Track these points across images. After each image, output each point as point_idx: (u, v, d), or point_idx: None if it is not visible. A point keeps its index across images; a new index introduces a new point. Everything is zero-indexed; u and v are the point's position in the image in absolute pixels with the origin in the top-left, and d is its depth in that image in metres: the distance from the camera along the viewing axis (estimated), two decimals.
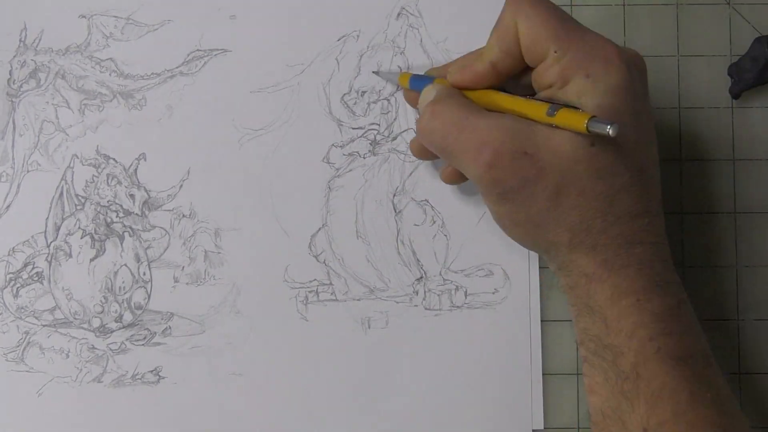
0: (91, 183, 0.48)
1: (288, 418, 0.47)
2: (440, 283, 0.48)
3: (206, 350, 0.47)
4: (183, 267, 0.48)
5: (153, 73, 0.49)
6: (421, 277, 0.48)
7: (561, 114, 0.36)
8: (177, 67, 0.49)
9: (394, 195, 0.48)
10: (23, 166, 0.48)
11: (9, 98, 0.48)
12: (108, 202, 0.48)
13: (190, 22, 0.49)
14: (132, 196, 0.48)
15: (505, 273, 0.48)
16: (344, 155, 0.48)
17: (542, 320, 0.47)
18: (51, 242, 0.48)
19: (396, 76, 0.47)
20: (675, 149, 0.48)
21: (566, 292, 0.40)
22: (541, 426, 0.47)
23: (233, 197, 0.48)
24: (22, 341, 0.47)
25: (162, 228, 0.48)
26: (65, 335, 0.47)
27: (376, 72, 0.48)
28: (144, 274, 0.48)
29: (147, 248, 0.48)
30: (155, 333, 0.47)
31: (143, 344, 0.47)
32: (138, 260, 0.48)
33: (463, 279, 0.48)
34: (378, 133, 0.48)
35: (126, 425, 0.47)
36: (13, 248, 0.48)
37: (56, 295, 0.48)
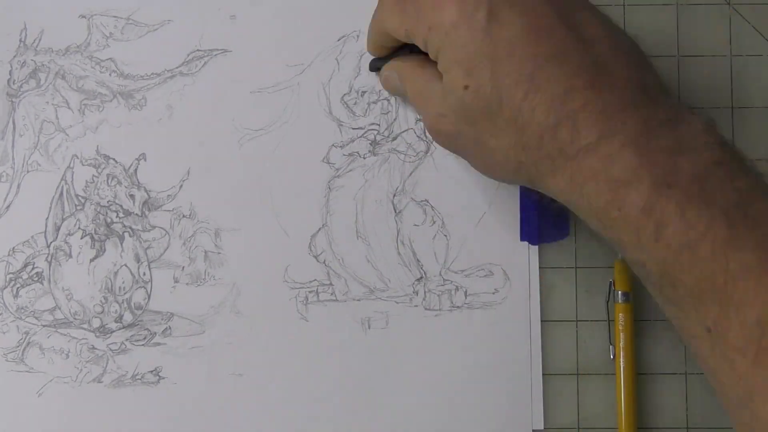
0: (91, 183, 0.48)
1: (288, 418, 0.47)
2: (440, 284, 0.48)
3: (206, 350, 0.47)
4: (183, 267, 0.48)
5: (153, 73, 0.49)
6: (421, 278, 0.48)
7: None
8: (177, 67, 0.49)
9: (394, 195, 0.48)
10: (23, 166, 0.48)
11: (9, 98, 0.48)
12: (108, 203, 0.48)
13: (190, 22, 0.49)
14: (132, 197, 0.48)
15: (505, 273, 0.48)
16: (344, 155, 0.48)
17: (542, 320, 0.47)
18: (51, 242, 0.48)
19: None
20: None
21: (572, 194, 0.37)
22: (541, 426, 0.47)
23: (233, 197, 0.48)
24: (22, 341, 0.47)
25: (162, 228, 0.48)
26: (65, 335, 0.47)
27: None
28: (144, 275, 0.48)
29: (147, 248, 0.48)
30: (155, 333, 0.47)
31: (143, 344, 0.47)
32: (138, 260, 0.48)
33: (463, 279, 0.48)
34: (378, 134, 0.48)
35: (126, 425, 0.47)
36: (13, 248, 0.48)
37: (56, 296, 0.48)
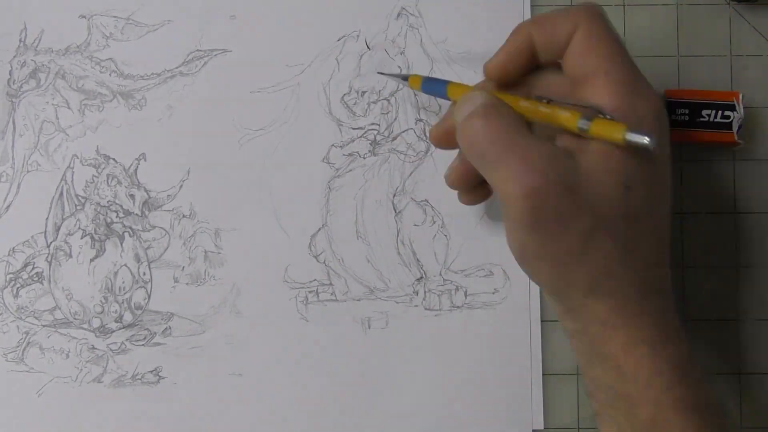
0: (91, 183, 0.48)
1: (288, 418, 0.47)
2: (440, 284, 0.48)
3: (206, 350, 0.47)
4: (183, 267, 0.48)
5: (153, 73, 0.49)
6: (421, 278, 0.48)
7: (597, 122, 0.36)
8: (177, 67, 0.49)
9: (394, 195, 0.48)
10: (23, 166, 0.48)
11: (9, 98, 0.48)
12: (108, 203, 0.48)
13: (190, 22, 0.49)
14: (132, 197, 0.48)
15: (505, 273, 0.48)
16: (344, 155, 0.48)
17: (542, 320, 0.47)
18: (51, 242, 0.48)
19: (399, 77, 0.47)
20: (675, 149, 0.48)
21: (572, 337, 0.39)
22: (541, 426, 0.47)
23: (233, 197, 0.48)
24: (22, 341, 0.47)
25: (162, 228, 0.48)
26: (65, 335, 0.47)
27: (382, 72, 0.48)
28: (144, 275, 0.48)
29: (147, 248, 0.48)
30: (155, 333, 0.47)
31: (143, 344, 0.47)
32: (138, 260, 0.48)
33: (463, 279, 0.48)
34: (378, 133, 0.48)
35: (126, 425, 0.47)
36: (13, 248, 0.48)
37: (56, 296, 0.48)
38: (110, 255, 0.48)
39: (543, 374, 0.47)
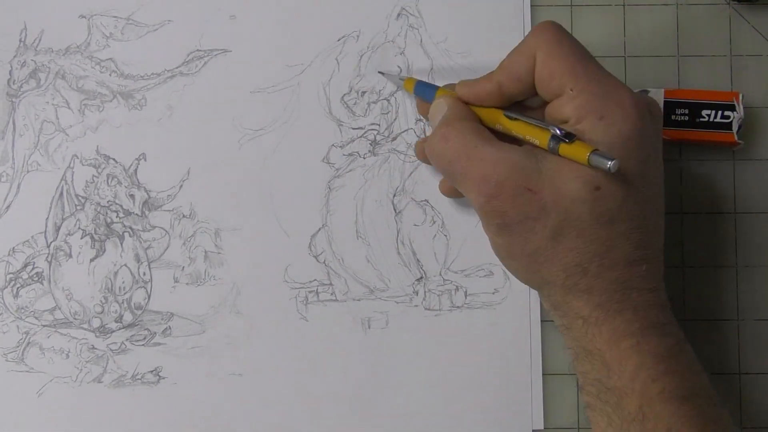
0: (91, 183, 0.48)
1: (288, 418, 0.47)
2: (440, 284, 0.48)
3: (206, 350, 0.47)
4: (183, 267, 0.48)
5: (153, 73, 0.49)
6: (421, 278, 0.48)
7: (565, 144, 0.37)
8: (177, 67, 0.49)
9: (394, 195, 0.48)
10: (23, 166, 0.48)
11: (9, 98, 0.48)
12: (108, 203, 0.48)
13: (190, 22, 0.49)
14: (132, 197, 0.48)
15: (505, 273, 0.48)
16: (344, 155, 0.48)
17: (542, 320, 0.47)
18: (51, 242, 0.48)
19: (400, 78, 0.47)
20: (675, 149, 0.48)
21: (562, 333, 0.41)
22: (541, 426, 0.47)
23: (233, 197, 0.48)
24: (22, 341, 0.47)
25: (162, 228, 0.48)
26: (65, 335, 0.47)
27: (382, 72, 0.48)
28: (144, 275, 0.48)
29: (147, 248, 0.48)
30: (155, 333, 0.47)
31: (143, 344, 0.47)
32: (138, 260, 0.48)
33: (463, 279, 0.48)
34: (378, 134, 0.48)
35: (126, 425, 0.47)
36: (13, 248, 0.48)
37: (56, 296, 0.48)
38: (110, 255, 0.48)
39: (543, 374, 0.47)
